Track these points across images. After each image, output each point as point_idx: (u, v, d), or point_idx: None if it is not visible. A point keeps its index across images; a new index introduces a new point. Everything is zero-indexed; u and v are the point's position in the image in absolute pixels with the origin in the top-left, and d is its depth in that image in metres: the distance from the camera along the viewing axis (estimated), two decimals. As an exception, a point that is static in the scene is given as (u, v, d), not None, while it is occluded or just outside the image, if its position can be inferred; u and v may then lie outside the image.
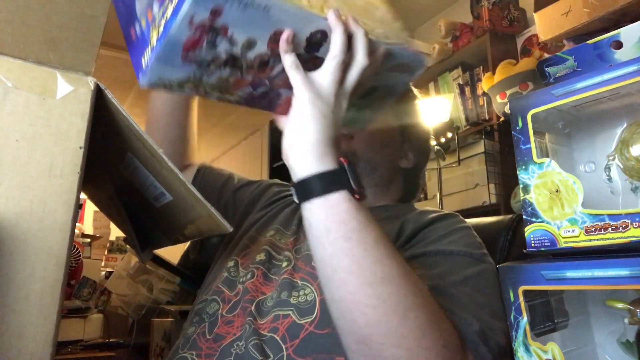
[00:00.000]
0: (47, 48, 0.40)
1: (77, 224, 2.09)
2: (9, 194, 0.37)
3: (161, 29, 0.43)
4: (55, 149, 0.39)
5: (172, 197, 0.54)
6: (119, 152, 0.53)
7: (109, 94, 0.43)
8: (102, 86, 0.43)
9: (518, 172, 0.52)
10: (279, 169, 3.33)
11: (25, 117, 0.39)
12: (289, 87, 0.50)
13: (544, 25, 1.43)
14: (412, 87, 0.85)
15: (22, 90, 0.39)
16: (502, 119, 2.02)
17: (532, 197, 0.51)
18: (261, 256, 0.71)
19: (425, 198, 2.32)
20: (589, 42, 0.54)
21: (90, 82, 0.42)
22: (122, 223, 0.68)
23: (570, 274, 0.45)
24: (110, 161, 0.57)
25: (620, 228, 0.45)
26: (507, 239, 0.84)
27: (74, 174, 0.40)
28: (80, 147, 0.40)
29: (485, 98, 2.20)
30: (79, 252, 1.83)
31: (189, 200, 0.52)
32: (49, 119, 0.40)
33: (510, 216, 0.84)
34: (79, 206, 0.41)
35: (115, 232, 2.38)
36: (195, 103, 0.89)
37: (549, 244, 0.49)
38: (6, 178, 0.37)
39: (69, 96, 0.41)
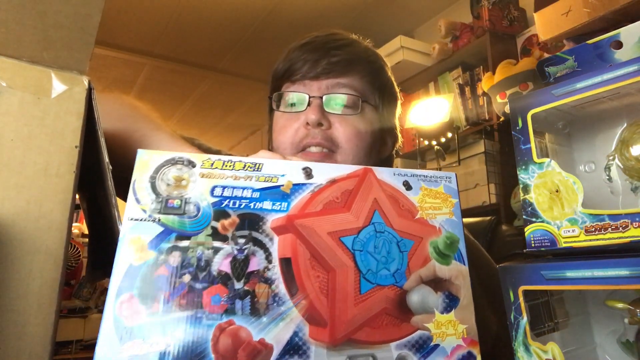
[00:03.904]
0: (41, 47, 0.40)
1: (77, 224, 2.09)
2: (5, 194, 0.37)
3: None
4: (50, 148, 0.39)
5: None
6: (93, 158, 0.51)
7: (94, 95, 0.42)
8: (91, 86, 0.42)
9: (518, 172, 0.52)
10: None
11: (20, 116, 0.39)
12: None
13: (544, 25, 1.43)
14: (397, 88, 0.84)
15: (17, 90, 0.39)
16: (502, 119, 2.02)
17: (532, 197, 0.51)
18: None
19: (425, 198, 2.32)
20: (589, 42, 0.54)
21: (85, 80, 0.41)
22: (90, 234, 0.66)
23: (570, 274, 0.45)
24: (85, 167, 0.54)
25: (620, 228, 0.44)
26: (487, 240, 0.83)
27: (70, 173, 0.40)
28: (76, 147, 0.40)
29: (485, 98, 2.20)
30: (79, 252, 1.83)
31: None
32: (44, 119, 0.39)
33: (489, 218, 0.84)
34: (75, 205, 0.41)
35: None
36: None
37: (549, 244, 0.49)
38: (2, 178, 0.37)
39: (63, 95, 0.40)
